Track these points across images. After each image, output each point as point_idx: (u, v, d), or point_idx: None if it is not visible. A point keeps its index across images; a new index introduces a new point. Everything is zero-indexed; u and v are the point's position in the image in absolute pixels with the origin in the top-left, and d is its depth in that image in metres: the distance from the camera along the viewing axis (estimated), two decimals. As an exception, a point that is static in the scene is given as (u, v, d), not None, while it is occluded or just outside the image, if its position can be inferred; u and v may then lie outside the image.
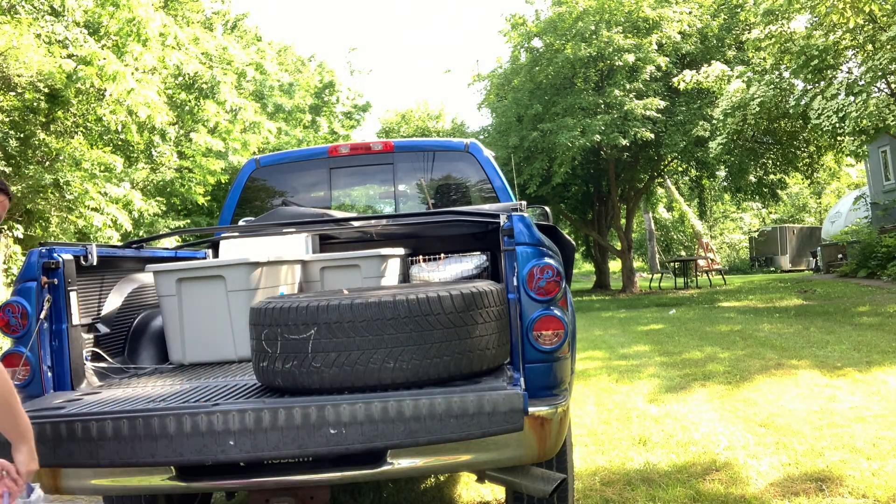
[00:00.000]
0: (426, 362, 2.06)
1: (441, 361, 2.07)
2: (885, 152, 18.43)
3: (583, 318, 11.86)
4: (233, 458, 1.96)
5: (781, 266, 27.59)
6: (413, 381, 2.06)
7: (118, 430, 1.96)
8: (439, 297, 2.09)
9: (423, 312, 2.06)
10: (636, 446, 4.21)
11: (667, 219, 29.40)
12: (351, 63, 33.65)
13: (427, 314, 2.06)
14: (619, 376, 6.39)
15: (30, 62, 9.77)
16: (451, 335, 2.09)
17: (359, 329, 2.03)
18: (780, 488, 3.37)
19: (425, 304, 2.07)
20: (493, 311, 2.20)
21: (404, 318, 2.04)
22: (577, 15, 16.62)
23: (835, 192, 34.66)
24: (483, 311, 2.16)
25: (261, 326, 2.17)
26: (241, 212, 5.08)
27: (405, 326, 2.04)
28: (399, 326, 2.04)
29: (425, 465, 2.18)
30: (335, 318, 2.04)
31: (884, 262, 14.86)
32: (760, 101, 12.67)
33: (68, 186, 10.38)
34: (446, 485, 3.87)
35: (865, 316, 9.43)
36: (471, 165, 5.04)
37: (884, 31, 10.75)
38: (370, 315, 2.04)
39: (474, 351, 2.14)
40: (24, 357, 2.42)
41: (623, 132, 16.02)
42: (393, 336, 2.03)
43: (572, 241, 3.08)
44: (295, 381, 2.09)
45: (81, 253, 2.68)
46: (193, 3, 16.23)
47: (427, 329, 2.06)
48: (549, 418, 2.18)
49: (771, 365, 6.31)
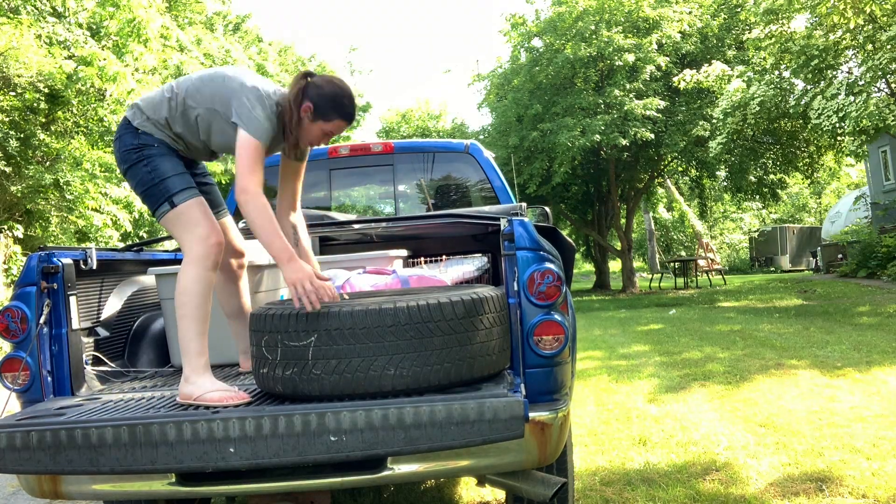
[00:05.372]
0: (426, 369, 2.05)
1: (441, 368, 2.07)
2: (885, 152, 18.42)
3: (583, 319, 11.86)
4: (233, 466, 1.96)
5: (781, 266, 27.59)
6: (413, 388, 2.06)
7: (118, 437, 1.96)
8: (440, 303, 2.09)
9: (423, 319, 2.06)
10: (636, 446, 4.21)
11: (667, 219, 29.38)
12: (351, 63, 33.74)
13: (427, 321, 2.06)
14: (618, 376, 6.39)
15: (30, 62, 9.77)
16: (451, 342, 2.08)
17: (359, 336, 2.03)
18: (779, 488, 3.37)
19: (426, 310, 2.06)
20: (493, 317, 2.20)
21: (405, 325, 2.04)
22: (577, 15, 16.61)
23: (835, 192, 34.67)
24: (484, 318, 2.16)
25: (261, 333, 2.17)
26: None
27: (405, 333, 2.04)
28: (399, 333, 2.04)
29: (425, 470, 2.18)
30: (335, 325, 2.04)
31: (884, 262, 14.86)
32: (760, 100, 12.67)
33: (68, 186, 10.38)
34: (447, 487, 3.87)
35: (865, 316, 9.43)
36: (471, 166, 5.04)
37: (884, 31, 10.74)
38: (370, 322, 2.04)
39: (475, 357, 2.13)
40: (24, 362, 2.42)
41: (623, 132, 16.01)
42: (393, 343, 2.03)
43: (572, 242, 3.07)
44: (295, 388, 2.10)
45: (81, 257, 2.68)
46: (196, 3, 16.24)
47: (427, 336, 2.05)
48: (550, 423, 2.18)
49: (771, 365, 6.31)
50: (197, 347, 2.36)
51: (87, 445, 1.97)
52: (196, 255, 2.39)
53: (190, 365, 2.33)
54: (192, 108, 2.46)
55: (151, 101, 2.50)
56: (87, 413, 2.13)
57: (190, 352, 2.35)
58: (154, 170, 2.41)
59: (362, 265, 3.52)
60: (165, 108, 2.47)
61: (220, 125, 2.46)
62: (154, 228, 13.15)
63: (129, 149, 2.46)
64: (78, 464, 1.98)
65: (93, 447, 1.97)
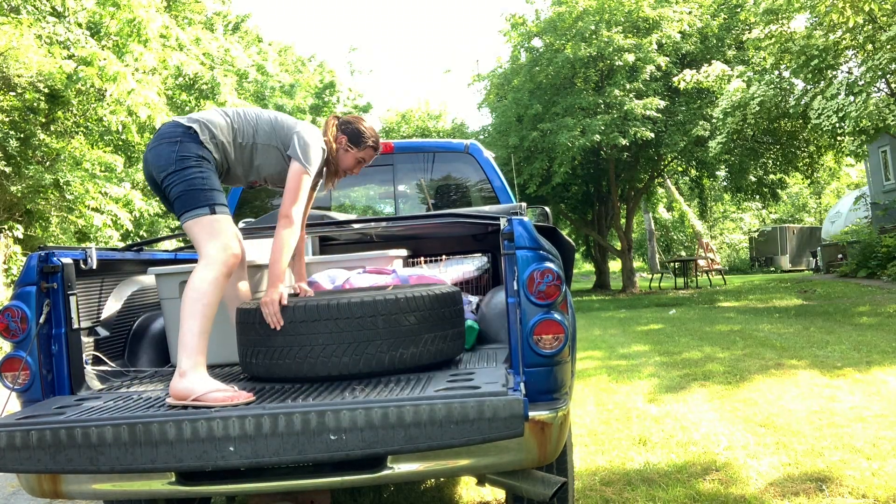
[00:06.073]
0: (380, 355, 2.37)
1: (396, 354, 2.38)
2: (885, 152, 18.42)
3: (582, 318, 11.86)
4: (233, 465, 1.96)
5: (781, 266, 27.60)
6: (367, 372, 2.39)
7: (118, 436, 1.96)
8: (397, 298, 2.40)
9: (390, 311, 2.36)
10: (636, 446, 4.21)
11: (667, 219, 29.38)
12: (351, 63, 33.80)
13: (394, 313, 2.36)
14: (618, 376, 6.39)
15: (30, 62, 9.78)
16: (409, 331, 2.40)
17: (326, 326, 2.35)
18: (779, 488, 3.37)
19: (394, 303, 2.37)
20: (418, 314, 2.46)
21: (370, 317, 2.34)
22: (577, 15, 16.61)
23: (835, 192, 34.67)
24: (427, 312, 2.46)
25: (244, 324, 2.50)
26: (241, 213, 5.08)
27: (369, 324, 2.35)
28: (363, 324, 2.34)
29: (425, 469, 2.18)
30: (302, 317, 2.35)
31: (884, 262, 14.86)
32: (760, 100, 12.68)
33: (68, 186, 10.38)
34: (446, 486, 3.87)
35: (865, 316, 9.44)
36: (470, 166, 5.05)
37: (883, 31, 10.74)
38: (335, 314, 2.33)
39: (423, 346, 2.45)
40: (24, 362, 2.42)
41: (623, 132, 16.01)
42: (357, 332, 2.34)
43: (572, 242, 3.07)
44: (270, 371, 2.42)
45: (81, 257, 2.68)
46: (196, 3, 16.25)
47: (390, 326, 2.38)
48: (550, 423, 2.18)
49: (771, 365, 6.31)
50: (199, 345, 2.38)
51: (87, 444, 1.97)
52: (216, 260, 2.48)
53: (190, 360, 2.33)
54: (250, 140, 2.78)
55: (217, 125, 2.72)
56: (87, 412, 2.13)
57: (192, 347, 2.35)
58: (207, 178, 2.60)
59: (362, 265, 3.52)
60: (228, 133, 2.74)
61: (276, 157, 2.82)
62: (154, 228, 13.15)
63: (188, 155, 2.60)
64: (78, 463, 1.98)
65: (93, 446, 1.97)
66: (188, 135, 2.63)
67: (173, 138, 2.63)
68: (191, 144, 2.62)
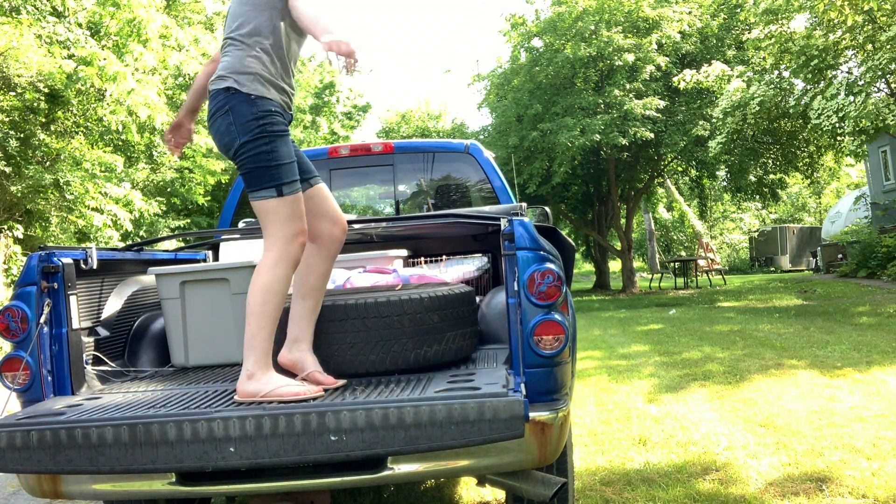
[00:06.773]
0: (406, 353, 2.44)
1: (421, 352, 2.45)
2: (885, 152, 18.42)
3: (582, 318, 11.87)
4: (233, 465, 1.96)
5: (781, 266, 27.60)
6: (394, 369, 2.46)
7: (118, 436, 1.96)
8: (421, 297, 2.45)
9: (415, 311, 2.42)
10: (636, 446, 4.21)
11: (667, 219, 29.39)
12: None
13: (419, 312, 2.43)
14: (618, 376, 6.39)
15: (30, 62, 9.77)
16: (433, 329, 2.46)
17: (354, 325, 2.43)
18: (779, 488, 3.37)
19: (419, 302, 2.42)
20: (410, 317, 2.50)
21: (397, 316, 2.40)
22: (577, 15, 16.61)
23: (835, 192, 34.67)
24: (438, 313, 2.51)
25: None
26: (242, 213, 5.08)
27: (396, 322, 2.41)
28: (391, 323, 2.41)
29: (425, 470, 2.18)
30: (330, 316, 2.43)
31: (884, 262, 14.86)
32: (760, 100, 12.68)
33: (68, 186, 10.38)
34: (447, 487, 3.87)
35: (865, 316, 9.44)
36: (471, 166, 5.04)
37: (883, 31, 10.75)
38: (363, 314, 2.41)
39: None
40: (24, 362, 2.42)
41: (623, 132, 16.02)
42: (385, 331, 2.42)
43: (572, 242, 3.07)
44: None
45: (81, 256, 2.68)
46: (196, 3, 16.23)
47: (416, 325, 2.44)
48: (550, 423, 2.18)
49: (771, 365, 6.31)
50: (267, 346, 2.32)
51: (87, 445, 1.97)
52: (285, 254, 2.35)
53: (257, 362, 2.27)
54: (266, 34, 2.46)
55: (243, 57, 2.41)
56: (88, 412, 2.13)
57: (260, 349, 2.29)
58: (273, 151, 2.36)
59: (362, 265, 3.52)
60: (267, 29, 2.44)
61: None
62: (154, 228, 13.15)
63: (248, 119, 2.36)
64: (78, 463, 1.98)
65: (93, 447, 1.97)
66: (233, 97, 2.39)
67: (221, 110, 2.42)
68: (241, 106, 2.38)
